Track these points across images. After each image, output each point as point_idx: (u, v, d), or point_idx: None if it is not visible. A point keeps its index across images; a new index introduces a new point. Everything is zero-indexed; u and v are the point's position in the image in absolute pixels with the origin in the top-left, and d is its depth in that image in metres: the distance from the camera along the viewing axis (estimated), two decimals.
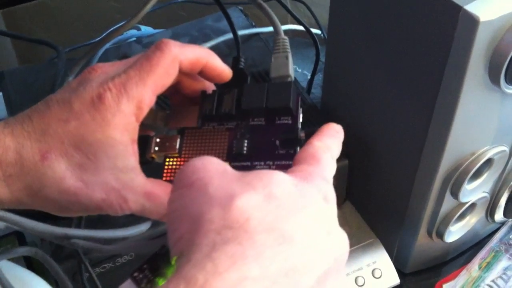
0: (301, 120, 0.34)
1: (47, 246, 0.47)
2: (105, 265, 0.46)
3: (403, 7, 0.40)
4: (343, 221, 0.55)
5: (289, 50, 0.36)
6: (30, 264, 0.50)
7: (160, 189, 0.32)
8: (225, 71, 0.34)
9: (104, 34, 0.62)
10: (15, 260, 0.48)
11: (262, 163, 0.32)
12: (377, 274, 0.52)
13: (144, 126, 0.33)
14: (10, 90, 0.55)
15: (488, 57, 0.36)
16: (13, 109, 0.53)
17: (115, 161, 0.30)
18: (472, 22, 0.34)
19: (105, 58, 0.59)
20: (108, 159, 0.30)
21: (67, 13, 0.97)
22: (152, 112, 0.35)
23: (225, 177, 0.25)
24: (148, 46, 0.61)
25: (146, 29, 0.68)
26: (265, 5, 0.39)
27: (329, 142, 0.30)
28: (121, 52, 0.60)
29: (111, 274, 0.46)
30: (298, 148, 0.32)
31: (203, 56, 0.33)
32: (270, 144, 0.33)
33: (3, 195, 0.30)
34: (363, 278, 0.52)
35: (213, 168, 0.26)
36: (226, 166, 0.27)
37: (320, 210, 0.25)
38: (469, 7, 0.34)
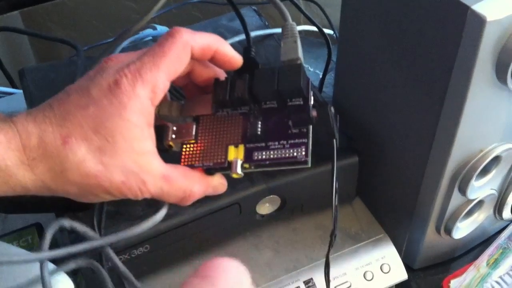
0: (312, 102, 0.35)
1: (65, 236, 0.48)
2: (121, 256, 0.47)
3: (412, 7, 0.41)
4: (353, 217, 0.56)
5: (297, 35, 0.37)
6: None
7: (177, 173, 0.33)
8: (235, 57, 0.36)
9: (120, 33, 0.64)
10: None
11: (276, 143, 0.34)
12: (385, 269, 0.53)
13: (161, 117, 0.34)
14: (31, 87, 0.57)
15: (496, 56, 0.37)
16: (34, 104, 0.55)
17: (132, 144, 0.32)
18: (480, 21, 0.35)
19: None
20: (125, 142, 0.31)
21: (84, 12, 0.99)
22: (167, 103, 0.36)
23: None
24: None
25: (162, 29, 0.69)
26: None
27: None
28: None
29: (126, 266, 0.47)
30: (311, 126, 0.34)
31: (213, 42, 0.35)
32: (283, 125, 0.34)
33: (28, 179, 0.31)
34: (371, 273, 0.53)
35: (232, 271, 0.28)
36: (244, 277, 0.29)
37: None
38: (477, 7, 0.35)
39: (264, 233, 0.54)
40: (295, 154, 0.33)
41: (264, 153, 0.34)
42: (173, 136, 0.35)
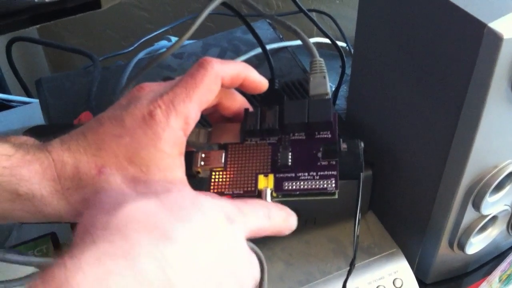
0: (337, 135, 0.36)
1: None
2: None
3: (429, 23, 0.41)
4: (366, 231, 0.56)
5: (325, 71, 0.39)
6: None
7: None
8: (262, 82, 0.37)
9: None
10: None
11: (306, 174, 0.34)
12: (398, 283, 0.53)
13: (188, 144, 0.35)
14: (47, 97, 0.57)
15: (511, 73, 0.37)
16: (50, 114, 0.56)
17: (165, 173, 0.32)
18: (496, 39, 0.35)
19: (137, 67, 0.61)
20: (159, 172, 0.32)
21: (97, 22, 1.00)
22: (195, 130, 0.37)
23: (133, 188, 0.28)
24: (179, 56, 0.63)
25: (176, 40, 0.70)
26: (299, 31, 0.42)
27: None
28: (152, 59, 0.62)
29: None
30: (338, 159, 0.35)
31: (242, 71, 0.35)
32: (312, 156, 0.35)
33: (62, 208, 0.32)
34: (384, 287, 0.52)
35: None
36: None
37: (215, 224, 0.28)
38: (493, 25, 0.35)
39: (277, 246, 0.54)
40: (325, 185, 0.34)
41: (294, 183, 0.34)
42: (202, 163, 0.36)
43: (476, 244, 0.51)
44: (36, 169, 0.31)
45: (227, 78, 0.34)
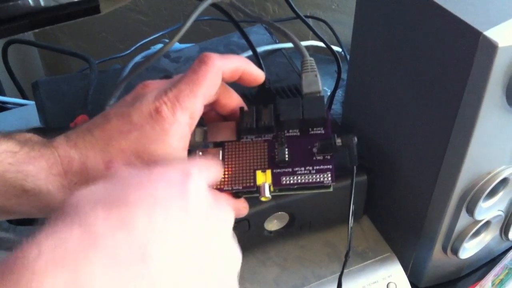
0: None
1: None
2: None
3: (425, 30, 0.42)
4: (360, 235, 0.56)
5: (316, 70, 0.40)
6: None
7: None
8: (259, 74, 0.38)
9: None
10: None
11: (303, 168, 0.36)
12: (392, 287, 0.53)
13: None
14: (44, 99, 0.57)
15: (506, 81, 0.38)
16: (47, 117, 0.56)
17: None
18: (491, 47, 0.36)
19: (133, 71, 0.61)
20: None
21: (93, 24, 1.00)
22: None
23: None
24: (176, 60, 0.64)
25: (168, 42, 0.70)
26: (288, 31, 0.43)
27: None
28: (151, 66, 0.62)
29: None
30: (332, 153, 0.36)
31: (240, 64, 0.37)
32: (307, 152, 0.36)
33: None
34: None
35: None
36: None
37: (169, 181, 0.27)
38: (489, 33, 0.36)
39: (272, 250, 0.54)
40: (321, 179, 0.35)
41: (291, 178, 0.35)
42: None
43: (469, 249, 0.52)
44: (42, 165, 0.31)
45: (227, 72, 0.35)
